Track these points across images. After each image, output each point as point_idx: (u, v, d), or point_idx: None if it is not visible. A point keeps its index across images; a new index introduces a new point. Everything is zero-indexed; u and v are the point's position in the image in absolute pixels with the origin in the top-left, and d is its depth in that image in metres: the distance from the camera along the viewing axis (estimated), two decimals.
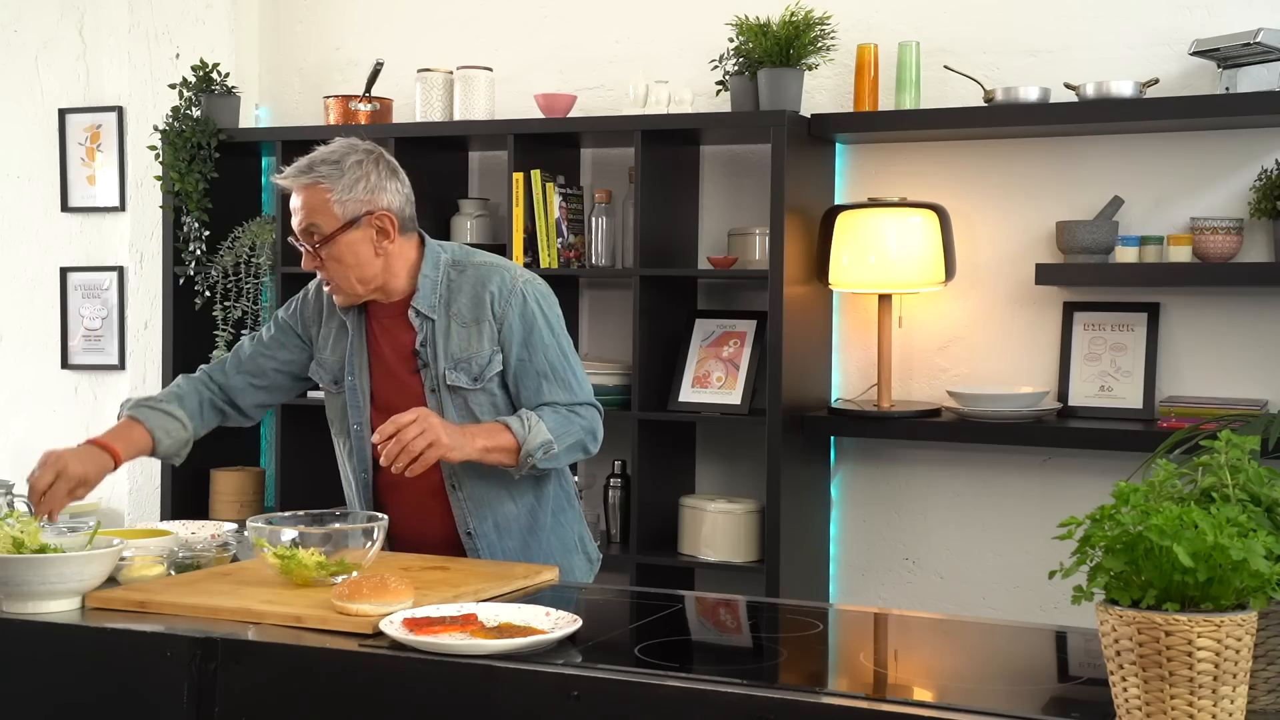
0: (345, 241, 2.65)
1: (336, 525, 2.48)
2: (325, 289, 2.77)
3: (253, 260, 4.42)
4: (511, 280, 2.72)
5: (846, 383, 4.12)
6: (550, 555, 2.78)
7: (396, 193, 2.71)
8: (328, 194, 2.64)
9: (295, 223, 2.69)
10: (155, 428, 2.74)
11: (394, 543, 2.72)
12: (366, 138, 2.82)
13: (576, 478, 4.18)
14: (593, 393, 2.78)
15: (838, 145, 4.11)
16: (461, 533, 2.72)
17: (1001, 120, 3.76)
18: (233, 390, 2.86)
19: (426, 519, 2.72)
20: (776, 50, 3.84)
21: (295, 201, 2.68)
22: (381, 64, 4.36)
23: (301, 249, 2.71)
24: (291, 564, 2.32)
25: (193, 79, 4.48)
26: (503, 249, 4.15)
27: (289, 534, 2.39)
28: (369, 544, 2.42)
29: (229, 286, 4.44)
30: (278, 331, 2.87)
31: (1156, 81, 3.72)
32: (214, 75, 4.49)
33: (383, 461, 2.53)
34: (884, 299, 3.92)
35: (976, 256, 3.98)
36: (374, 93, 4.39)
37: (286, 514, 2.54)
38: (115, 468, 2.68)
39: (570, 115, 4.22)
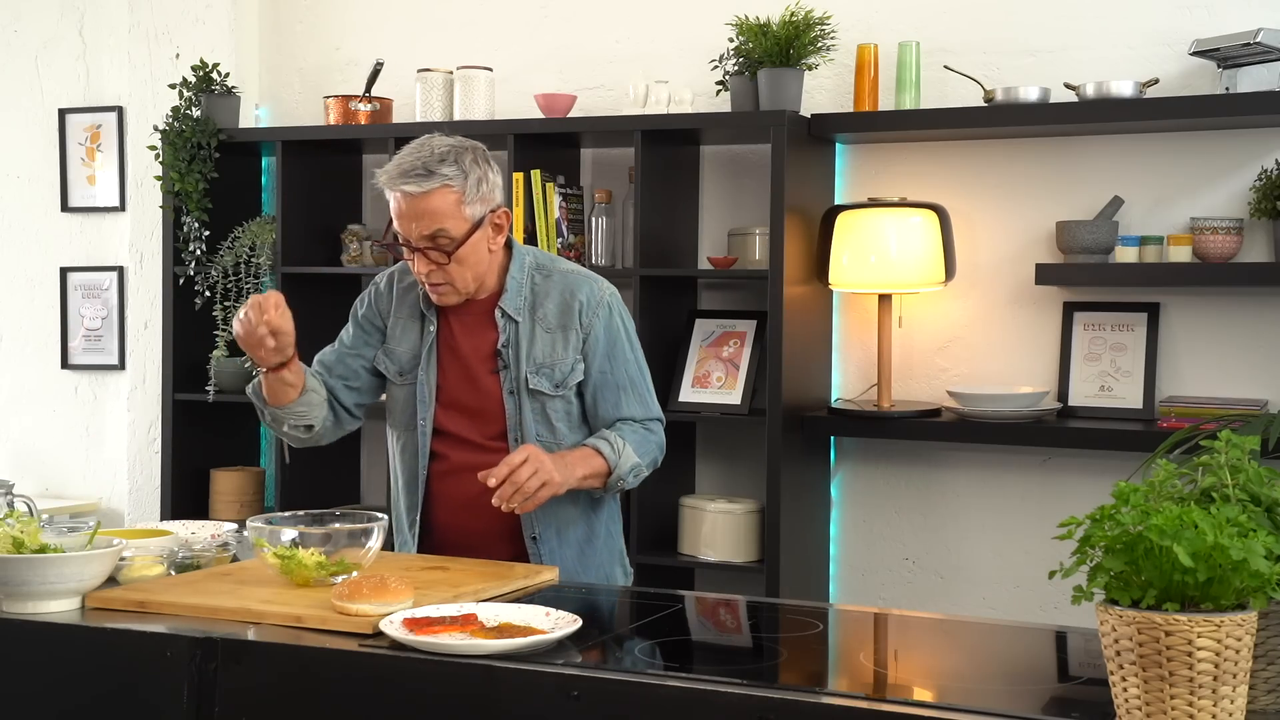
0: (470, 244, 2.62)
1: (336, 525, 2.48)
2: (431, 291, 2.68)
3: (253, 260, 4.42)
4: (599, 292, 2.73)
5: (846, 383, 4.12)
6: (600, 567, 2.79)
7: (501, 188, 2.69)
8: (459, 196, 2.59)
9: (414, 229, 2.60)
10: (306, 372, 2.73)
11: (442, 538, 2.73)
12: (450, 133, 2.74)
13: None
14: (659, 408, 2.82)
15: (838, 145, 4.11)
16: (527, 537, 2.71)
17: (1001, 120, 3.76)
18: (333, 390, 2.83)
19: (482, 518, 2.68)
20: (776, 50, 3.84)
21: (414, 206, 2.59)
22: (381, 64, 4.36)
23: (410, 253, 2.63)
24: (291, 564, 2.32)
25: (193, 79, 4.48)
26: None
27: (289, 534, 2.38)
28: (369, 544, 2.42)
29: (229, 286, 4.44)
30: (357, 330, 2.85)
31: (1156, 81, 3.72)
32: (214, 75, 4.49)
33: (495, 501, 2.51)
34: (884, 299, 3.92)
35: (976, 256, 3.98)
36: (374, 93, 4.39)
37: (286, 514, 2.54)
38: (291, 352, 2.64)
39: (570, 115, 4.22)
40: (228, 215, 4.50)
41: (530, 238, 4.08)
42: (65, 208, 5.00)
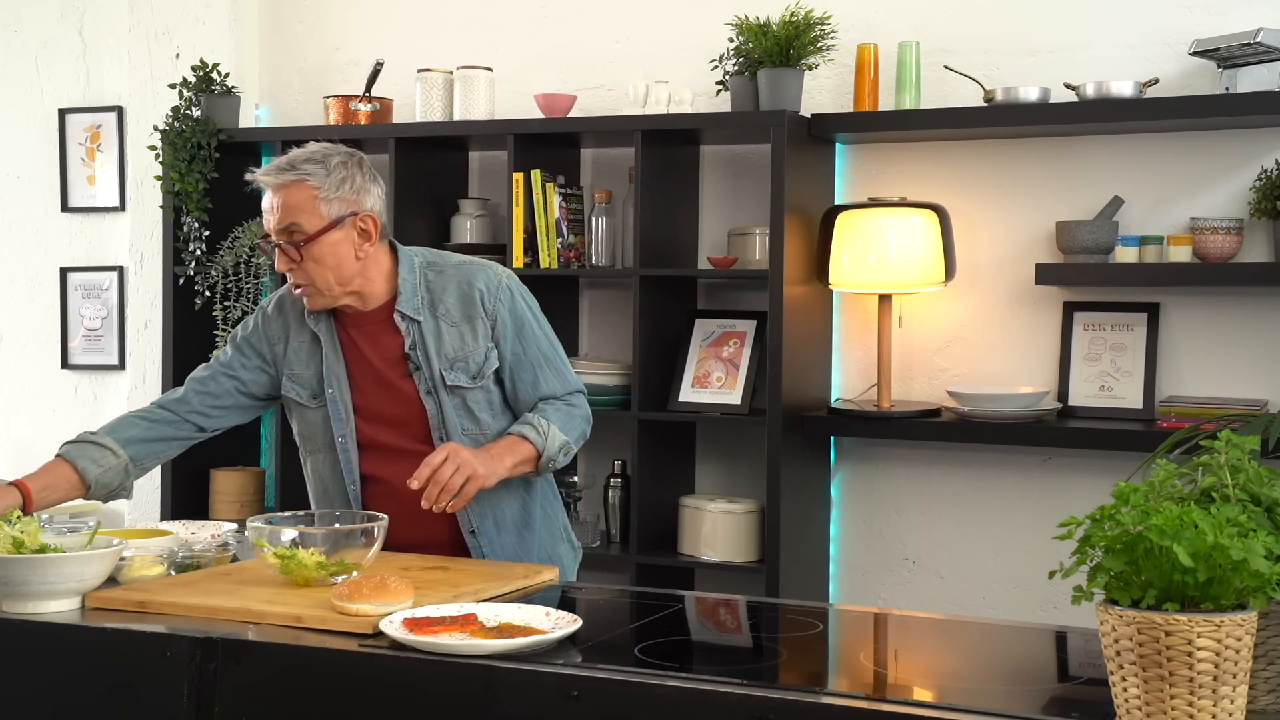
0: (328, 242, 2.63)
1: (336, 525, 2.48)
2: (296, 292, 2.70)
3: (253, 260, 4.42)
4: (496, 277, 2.75)
5: (846, 383, 4.12)
6: (541, 547, 2.80)
7: (378, 198, 2.71)
8: (314, 192, 2.62)
9: (272, 222, 2.64)
10: (78, 458, 2.64)
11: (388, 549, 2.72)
12: (339, 140, 2.81)
13: (576, 477, 4.19)
14: (578, 378, 2.83)
15: (838, 145, 4.11)
16: (465, 531, 2.72)
17: (1001, 120, 3.76)
18: (192, 413, 2.78)
19: (421, 523, 2.68)
20: (776, 50, 3.84)
21: (273, 200, 2.64)
22: (381, 64, 4.36)
23: (273, 251, 2.65)
24: (291, 564, 2.32)
25: (193, 79, 4.48)
26: (503, 249, 4.16)
27: (289, 534, 2.38)
28: (369, 544, 2.42)
29: (229, 286, 4.44)
30: (235, 353, 2.81)
31: (1156, 81, 3.72)
32: (214, 75, 4.49)
33: (423, 504, 2.52)
34: (884, 299, 3.92)
35: (976, 256, 3.98)
36: (374, 93, 4.39)
37: (286, 514, 2.54)
38: (23, 504, 2.55)
39: (570, 115, 4.22)
40: (228, 215, 4.49)
41: (530, 238, 4.08)
42: (65, 208, 5.00)
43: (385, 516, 2.49)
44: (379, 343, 2.73)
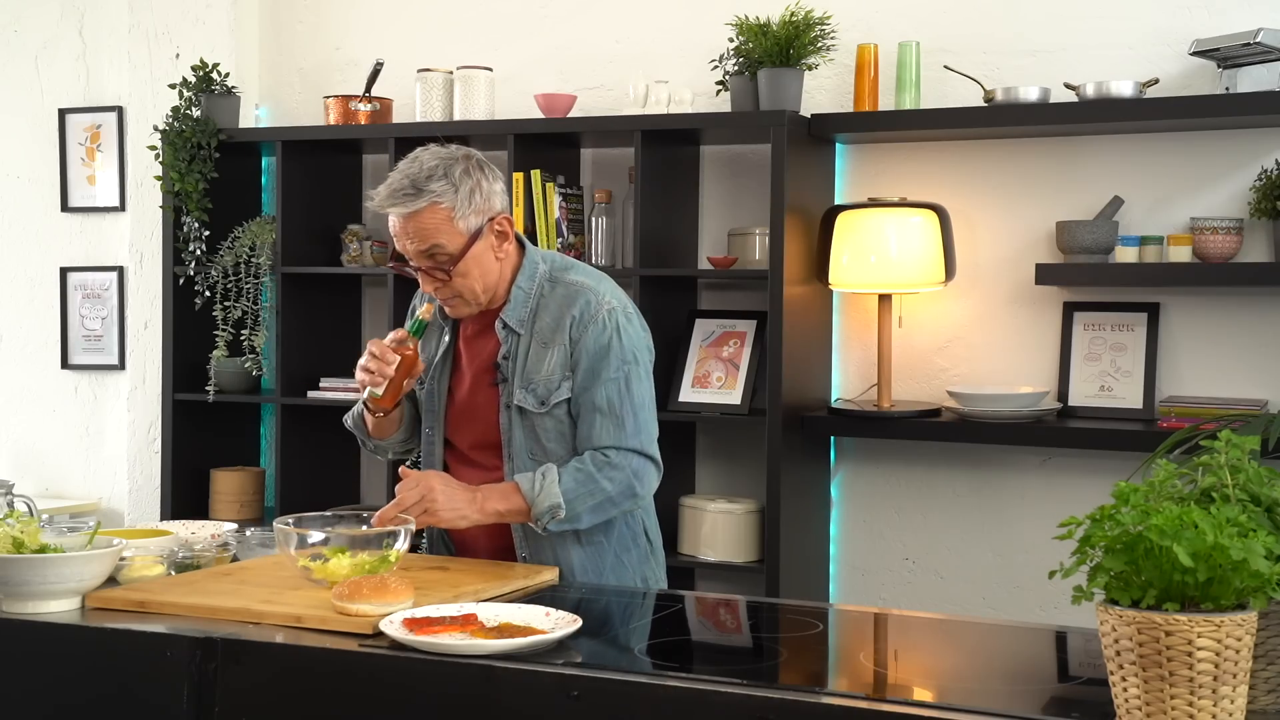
0: (471, 257, 2.52)
1: (364, 528, 2.45)
2: (442, 303, 2.61)
3: (253, 260, 4.42)
4: (596, 305, 2.57)
5: (846, 383, 4.12)
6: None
7: (502, 194, 2.60)
8: (449, 212, 2.50)
9: (411, 246, 2.52)
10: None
11: (459, 551, 2.71)
12: (448, 141, 2.69)
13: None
14: (652, 442, 2.60)
15: (838, 145, 4.11)
16: (519, 556, 2.63)
17: (1001, 120, 3.76)
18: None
19: (490, 533, 2.64)
20: (776, 50, 3.84)
21: (406, 226, 2.51)
22: (381, 64, 4.36)
23: (414, 271, 2.56)
24: (328, 568, 2.31)
25: (193, 79, 4.48)
26: None
27: (317, 536, 2.38)
28: (396, 546, 2.39)
29: (229, 286, 4.44)
30: None
31: (1156, 81, 3.72)
32: (214, 75, 4.49)
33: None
34: (884, 299, 3.92)
35: (976, 256, 3.98)
36: (374, 93, 4.39)
37: (313, 514, 2.52)
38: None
39: (570, 115, 4.22)
40: (228, 215, 4.50)
41: (530, 238, 4.08)
42: (65, 208, 5.00)
43: (412, 520, 2.44)
44: (480, 345, 2.66)
